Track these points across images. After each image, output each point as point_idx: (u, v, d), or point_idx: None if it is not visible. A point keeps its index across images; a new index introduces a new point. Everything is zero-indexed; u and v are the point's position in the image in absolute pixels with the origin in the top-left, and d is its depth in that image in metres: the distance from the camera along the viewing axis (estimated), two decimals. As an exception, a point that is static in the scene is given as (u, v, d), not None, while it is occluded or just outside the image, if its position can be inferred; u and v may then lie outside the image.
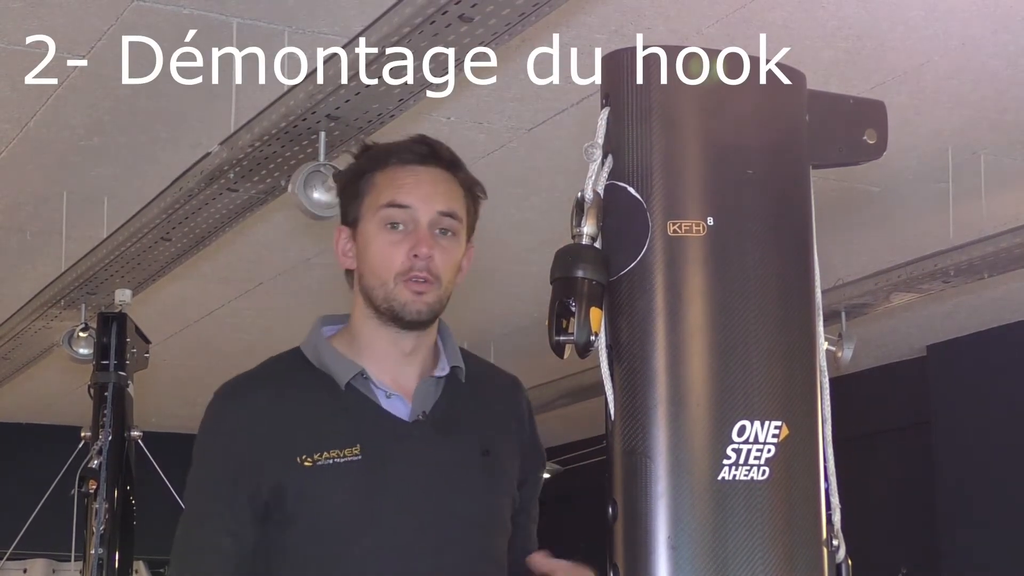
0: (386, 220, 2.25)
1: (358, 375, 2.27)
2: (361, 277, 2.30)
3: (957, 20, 3.94)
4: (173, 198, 4.17)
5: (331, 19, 3.85)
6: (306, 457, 2.20)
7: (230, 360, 7.72)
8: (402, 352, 2.28)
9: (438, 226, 2.25)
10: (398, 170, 2.27)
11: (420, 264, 2.22)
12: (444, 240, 2.26)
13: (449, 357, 2.33)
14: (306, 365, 2.31)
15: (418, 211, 2.24)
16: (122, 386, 4.68)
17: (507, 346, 6.41)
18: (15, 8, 3.76)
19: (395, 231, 2.24)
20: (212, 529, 2.25)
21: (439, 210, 2.25)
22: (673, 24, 3.89)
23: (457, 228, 2.28)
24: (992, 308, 6.72)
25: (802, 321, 1.86)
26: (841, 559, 1.87)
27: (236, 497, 2.23)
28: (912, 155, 4.86)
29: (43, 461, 5.91)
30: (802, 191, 1.90)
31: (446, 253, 2.25)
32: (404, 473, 2.23)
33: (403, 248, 2.23)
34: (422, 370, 2.31)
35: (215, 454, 2.29)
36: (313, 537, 2.21)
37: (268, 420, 2.25)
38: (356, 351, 2.30)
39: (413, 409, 2.28)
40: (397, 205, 2.24)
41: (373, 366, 2.28)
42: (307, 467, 2.20)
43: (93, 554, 4.47)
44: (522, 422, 2.40)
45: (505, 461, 2.33)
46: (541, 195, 5.11)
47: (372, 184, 2.28)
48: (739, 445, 1.77)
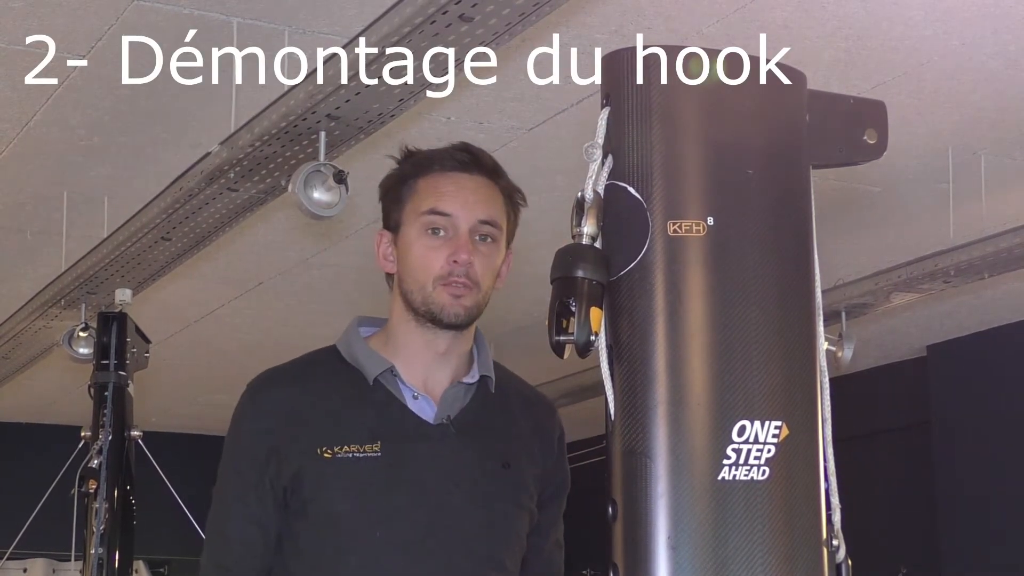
0: (427, 226, 2.28)
1: (387, 371, 2.30)
2: (401, 281, 2.32)
3: (957, 20, 3.94)
4: (173, 198, 4.17)
5: (331, 19, 3.85)
6: (326, 449, 2.24)
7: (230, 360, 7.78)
8: (436, 352, 2.31)
9: (478, 233, 2.28)
10: (440, 177, 2.31)
11: (460, 270, 2.25)
12: (483, 246, 2.28)
13: (481, 366, 2.35)
14: (339, 360, 2.34)
15: (459, 219, 2.27)
16: (122, 386, 4.68)
17: (507, 346, 6.41)
18: (15, 8, 3.76)
19: (436, 237, 2.27)
20: (239, 519, 2.30)
21: (480, 218, 2.28)
22: (673, 24, 3.89)
23: (497, 235, 2.31)
24: (992, 308, 6.73)
25: (802, 321, 1.86)
26: (841, 559, 1.87)
27: (261, 486, 2.28)
28: (912, 155, 4.86)
29: (43, 461, 5.92)
30: (802, 191, 1.90)
31: (485, 259, 2.28)
32: (421, 473, 2.25)
33: (443, 253, 2.26)
34: (454, 375, 2.33)
35: (242, 445, 2.33)
36: (324, 527, 2.24)
37: (293, 411, 2.29)
38: (391, 351, 2.33)
39: (439, 412, 2.30)
40: (439, 212, 2.28)
41: (405, 366, 2.31)
42: (326, 458, 2.24)
43: (93, 554, 4.47)
44: (550, 445, 2.41)
45: (525, 476, 2.34)
46: (541, 195, 5.10)
47: (414, 190, 2.31)
48: (739, 445, 1.77)
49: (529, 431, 2.38)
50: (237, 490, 2.31)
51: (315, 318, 6.73)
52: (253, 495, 2.28)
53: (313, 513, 2.24)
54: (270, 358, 2.51)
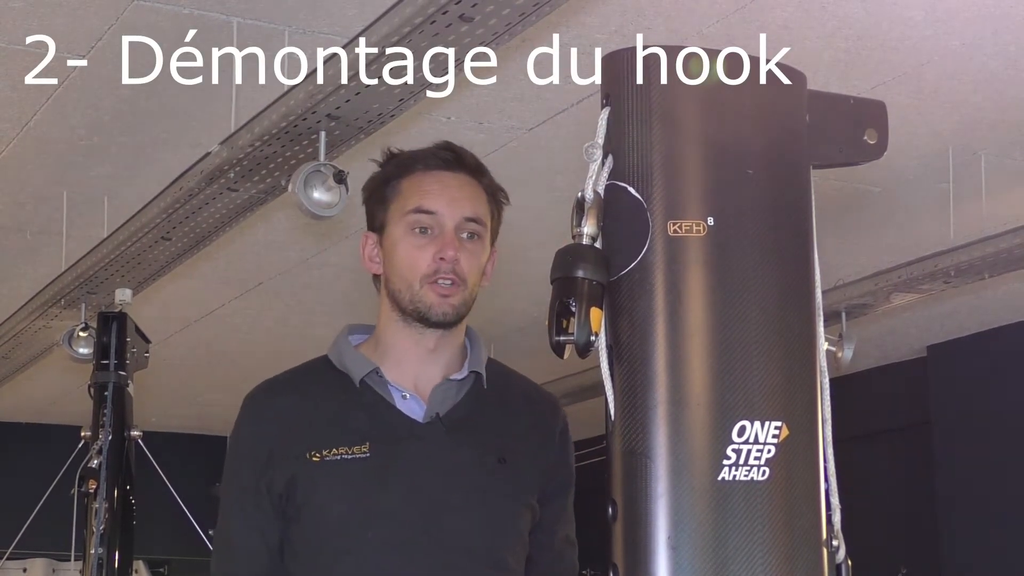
0: (413, 225, 2.29)
1: (372, 373, 2.30)
2: (388, 281, 2.33)
3: (957, 21, 3.94)
4: (173, 198, 4.17)
5: (331, 19, 3.85)
6: (315, 453, 2.25)
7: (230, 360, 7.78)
8: (426, 350, 2.31)
9: (464, 230, 2.29)
10: (424, 176, 2.32)
11: (446, 267, 2.26)
12: (469, 244, 2.29)
13: (472, 363, 2.35)
14: (329, 368, 2.35)
15: (444, 216, 2.28)
16: (122, 386, 4.68)
17: (507, 346, 6.41)
18: (15, 8, 3.76)
19: (422, 235, 2.28)
20: (241, 527, 2.32)
21: (465, 215, 2.29)
22: (673, 24, 3.89)
23: (482, 232, 2.32)
24: (992, 309, 6.73)
25: (802, 321, 1.86)
26: (841, 559, 1.87)
27: (258, 493, 2.29)
28: (912, 155, 4.86)
29: (43, 461, 5.92)
30: (802, 191, 1.90)
31: (472, 256, 2.29)
32: (412, 473, 2.25)
33: (429, 251, 2.27)
34: (445, 371, 2.33)
35: (241, 454, 2.35)
36: (318, 530, 2.25)
37: (287, 419, 2.30)
38: (380, 353, 2.34)
39: (428, 410, 2.30)
40: (424, 211, 2.28)
41: (393, 367, 2.31)
42: (315, 462, 2.25)
43: (93, 553, 4.47)
44: (551, 440, 2.40)
45: (523, 472, 2.33)
46: (541, 195, 5.11)
47: (398, 191, 2.33)
48: (739, 445, 1.77)
49: (529, 427, 2.37)
50: (238, 498, 2.33)
51: (315, 318, 6.72)
52: (252, 502, 2.30)
53: (307, 517, 2.25)
54: (270, 358, 2.52)
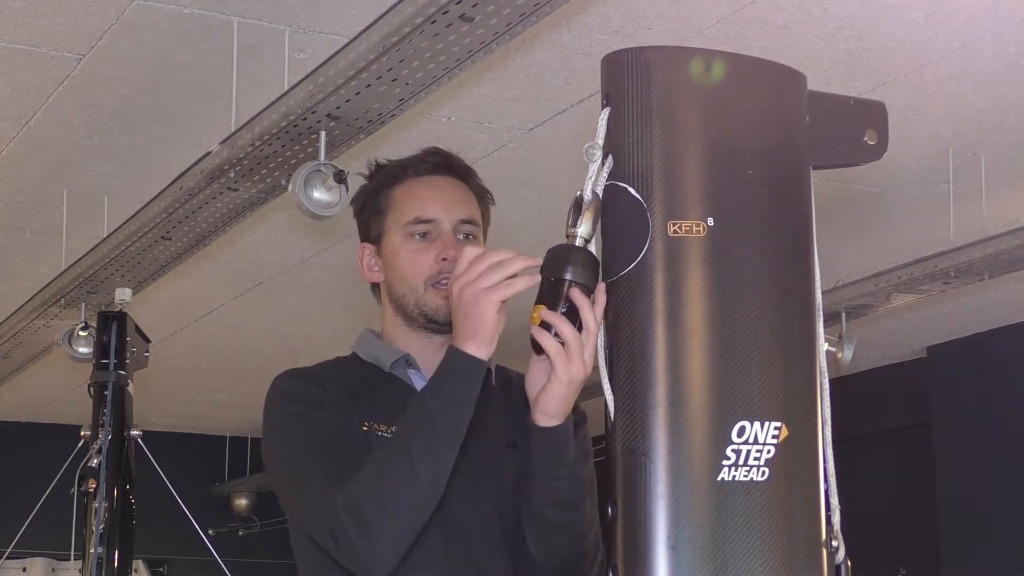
0: (412, 234, 2.32)
1: (401, 360, 2.33)
2: (390, 288, 2.36)
3: (958, 21, 3.94)
4: (173, 197, 4.17)
5: (331, 19, 3.85)
6: (362, 422, 2.25)
7: (230, 360, 7.79)
8: (436, 345, 2.32)
9: (461, 232, 2.33)
10: (415, 183, 2.35)
11: (449, 267, 2.27)
12: (467, 244, 2.31)
13: None
14: (357, 360, 2.38)
15: (442, 221, 2.32)
16: (122, 385, 4.68)
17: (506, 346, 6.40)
18: (15, 7, 3.76)
19: (421, 240, 2.32)
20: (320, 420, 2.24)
21: (461, 218, 2.33)
22: (674, 24, 3.89)
23: (477, 233, 2.36)
24: (992, 309, 6.73)
25: (802, 322, 1.86)
26: (841, 560, 1.87)
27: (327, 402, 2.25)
28: (912, 156, 4.86)
29: (43, 460, 5.92)
30: (802, 191, 1.90)
31: None
32: None
33: (430, 254, 2.30)
34: None
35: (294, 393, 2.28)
36: None
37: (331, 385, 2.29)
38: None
39: None
40: (423, 220, 2.32)
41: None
42: (363, 430, 2.25)
43: (92, 553, 4.47)
44: None
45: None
46: (541, 195, 5.11)
47: (392, 200, 2.35)
48: (739, 446, 1.77)
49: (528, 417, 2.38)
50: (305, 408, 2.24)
51: (315, 318, 6.72)
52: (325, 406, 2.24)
53: None
54: (270, 358, 2.52)
